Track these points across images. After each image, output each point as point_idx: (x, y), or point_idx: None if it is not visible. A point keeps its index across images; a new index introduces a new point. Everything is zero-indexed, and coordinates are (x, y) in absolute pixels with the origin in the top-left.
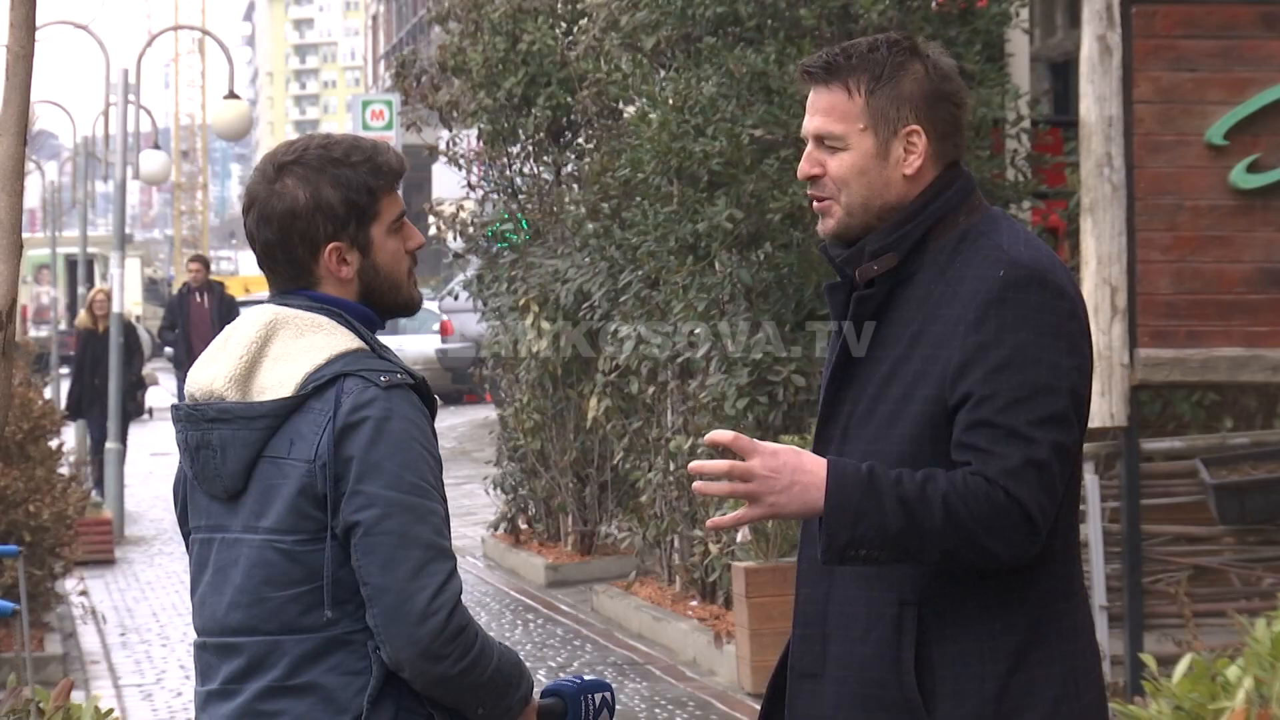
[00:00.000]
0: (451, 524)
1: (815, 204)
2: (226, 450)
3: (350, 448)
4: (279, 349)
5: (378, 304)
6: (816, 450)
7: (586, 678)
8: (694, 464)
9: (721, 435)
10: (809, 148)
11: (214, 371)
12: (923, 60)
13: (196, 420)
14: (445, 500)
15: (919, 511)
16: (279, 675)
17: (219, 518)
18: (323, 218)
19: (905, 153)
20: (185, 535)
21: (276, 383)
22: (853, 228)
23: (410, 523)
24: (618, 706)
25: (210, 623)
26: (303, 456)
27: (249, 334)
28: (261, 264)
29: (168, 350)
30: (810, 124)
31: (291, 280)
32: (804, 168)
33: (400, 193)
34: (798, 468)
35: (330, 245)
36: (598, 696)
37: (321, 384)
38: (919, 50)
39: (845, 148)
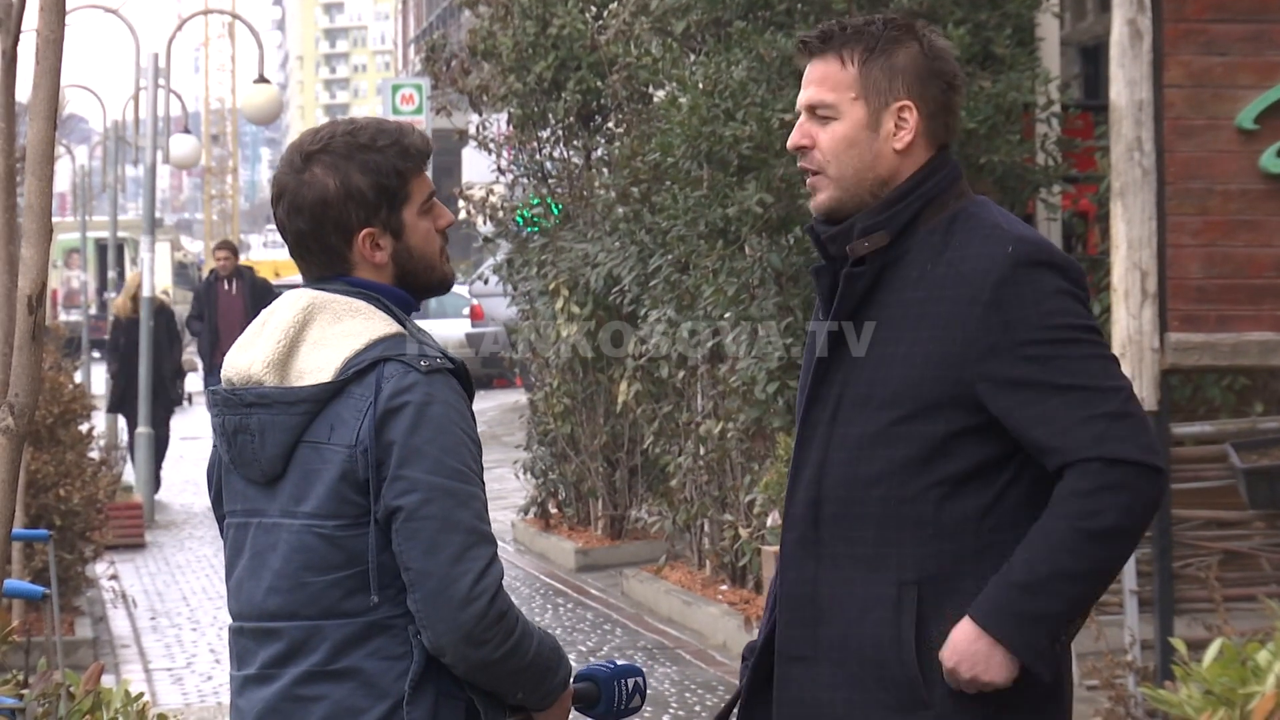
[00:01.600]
0: None
1: (807, 180)
2: (265, 435)
3: (391, 433)
4: (317, 334)
5: (413, 285)
6: (801, 434)
7: (620, 663)
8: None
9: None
10: (800, 120)
11: (251, 356)
12: (919, 39)
13: (234, 405)
14: (484, 485)
15: (1048, 572)
16: (319, 660)
17: (256, 502)
18: (354, 204)
19: (896, 127)
20: (219, 519)
21: (315, 368)
22: (844, 203)
23: (452, 508)
24: (648, 691)
25: (248, 607)
26: (343, 441)
27: (286, 318)
28: (294, 253)
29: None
30: (803, 96)
31: (326, 268)
32: (794, 138)
33: (429, 173)
34: (970, 647)
35: (364, 231)
36: (630, 681)
37: (362, 369)
38: (916, 30)
39: (836, 117)
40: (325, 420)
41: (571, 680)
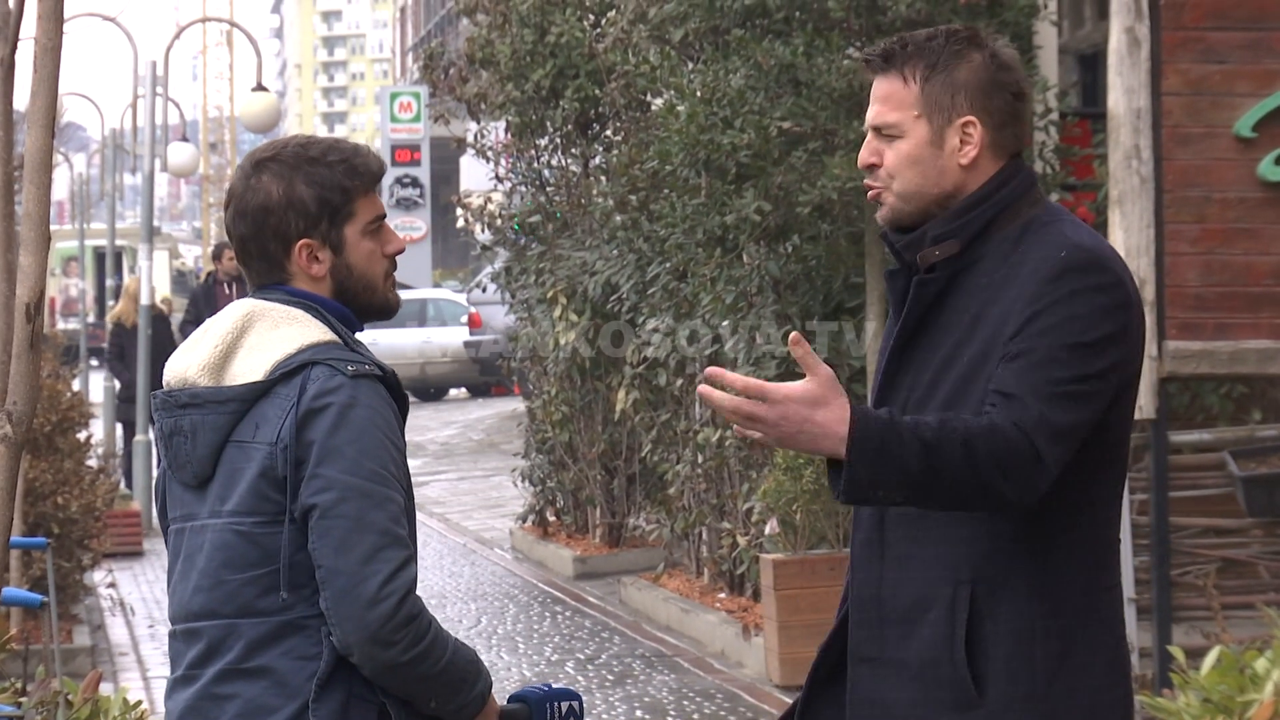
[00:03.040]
0: (480, 516)
1: (869, 193)
2: (197, 435)
3: (312, 432)
4: (254, 339)
5: (352, 304)
6: None
7: (555, 686)
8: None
9: (728, 377)
10: (869, 137)
11: (189, 360)
12: (982, 50)
13: (170, 407)
14: (410, 492)
15: (939, 450)
16: (234, 658)
17: (190, 507)
18: (295, 214)
19: (961, 143)
20: (164, 530)
21: (248, 370)
22: (906, 214)
23: (367, 508)
24: (645, 699)
25: (178, 609)
26: (265, 439)
27: (226, 325)
28: (238, 258)
29: None
30: (869, 115)
31: (266, 275)
32: (863, 156)
33: (380, 195)
34: (806, 419)
35: (301, 242)
36: (564, 705)
37: (290, 370)
38: (979, 40)
39: (901, 135)
40: (251, 419)
41: (507, 701)
